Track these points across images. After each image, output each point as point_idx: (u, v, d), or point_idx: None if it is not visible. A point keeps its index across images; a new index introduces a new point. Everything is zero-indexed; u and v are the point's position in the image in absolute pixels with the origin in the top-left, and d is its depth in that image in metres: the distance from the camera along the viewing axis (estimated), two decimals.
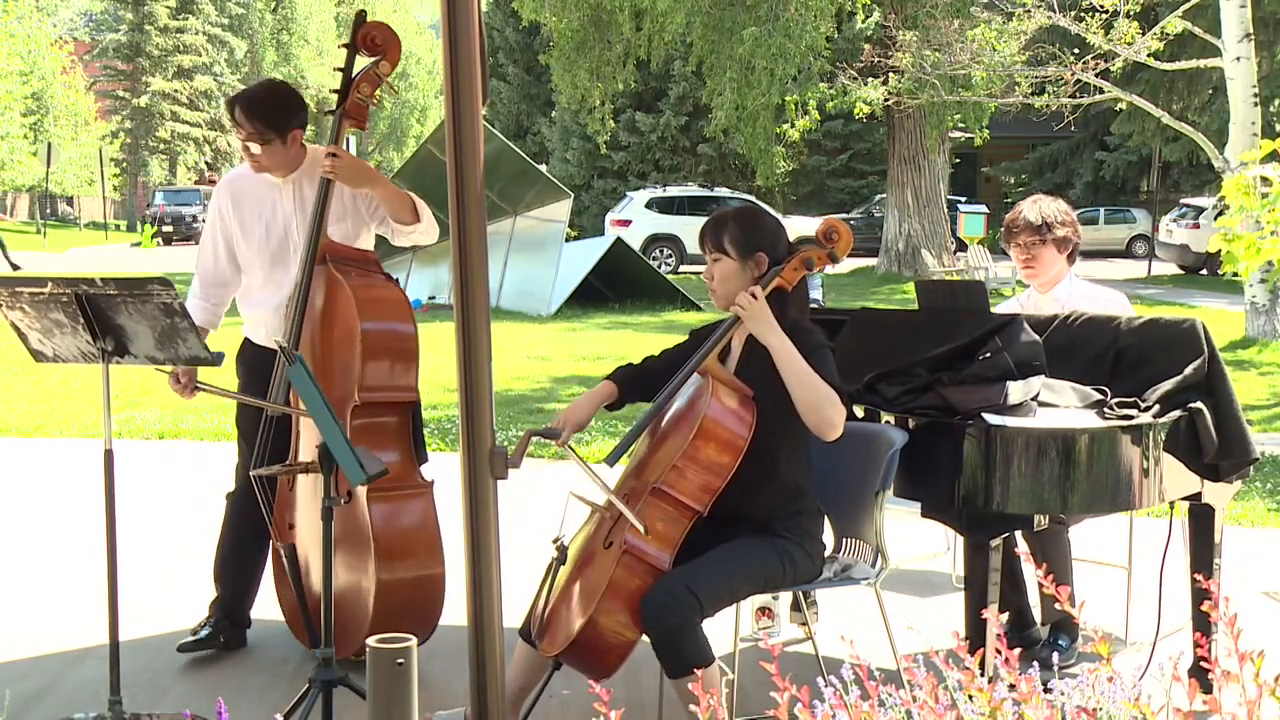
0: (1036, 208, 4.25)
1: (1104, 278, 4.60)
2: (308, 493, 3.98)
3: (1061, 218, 4.22)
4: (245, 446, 4.26)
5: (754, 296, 3.26)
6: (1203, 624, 3.46)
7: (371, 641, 2.42)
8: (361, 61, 4.15)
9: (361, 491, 3.86)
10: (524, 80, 37.88)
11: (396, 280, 4.20)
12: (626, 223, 26.65)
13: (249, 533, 4.20)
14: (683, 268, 26.00)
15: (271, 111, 4.04)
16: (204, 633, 4.23)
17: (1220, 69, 14.02)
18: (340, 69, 4.16)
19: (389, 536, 3.90)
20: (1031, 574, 3.51)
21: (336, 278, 3.98)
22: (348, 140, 4.26)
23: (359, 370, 3.89)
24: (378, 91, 4.20)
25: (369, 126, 4.58)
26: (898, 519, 4.13)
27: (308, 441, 3.97)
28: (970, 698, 2.11)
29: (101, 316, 3.37)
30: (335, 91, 4.16)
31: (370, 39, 4.12)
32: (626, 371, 3.57)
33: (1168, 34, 15.63)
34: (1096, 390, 3.53)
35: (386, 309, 3.99)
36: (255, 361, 4.21)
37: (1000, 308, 4.46)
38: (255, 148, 4.01)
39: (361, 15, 4.18)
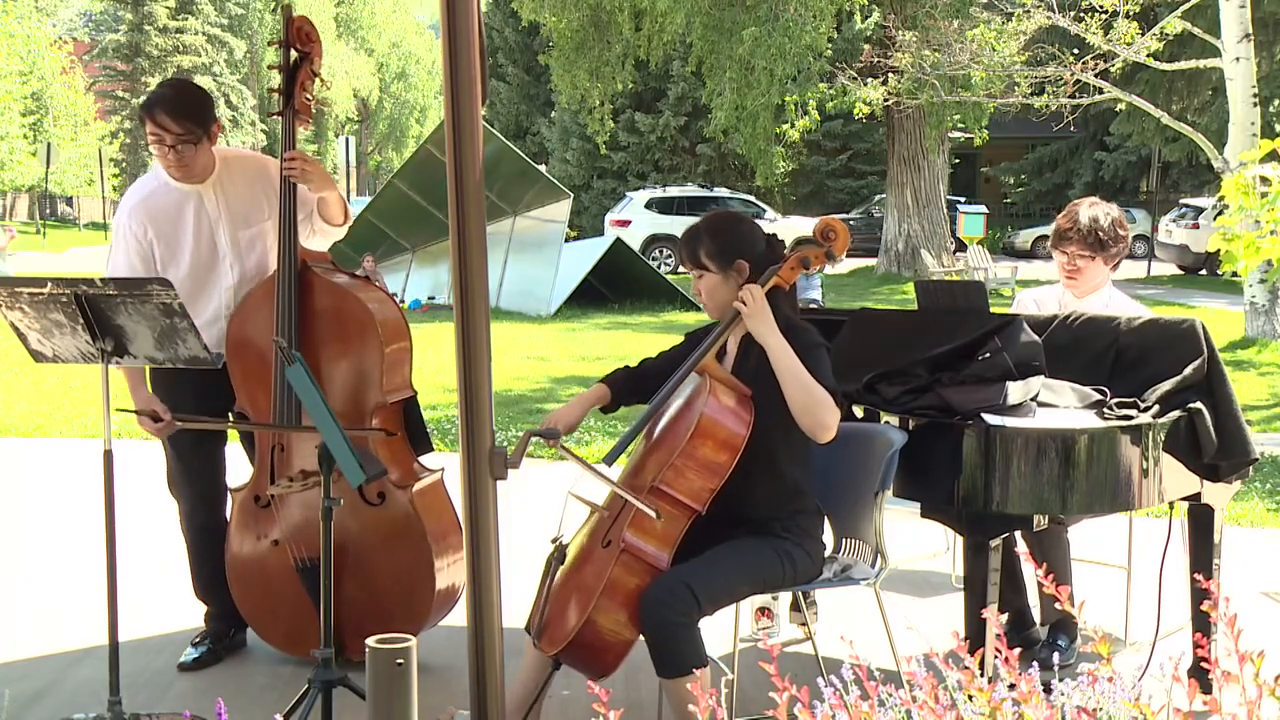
0: (1093, 220, 4.05)
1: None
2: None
3: (1117, 233, 4.07)
4: (181, 464, 4.20)
5: (754, 295, 3.26)
6: (1202, 624, 3.46)
7: (371, 642, 2.42)
8: (293, 58, 4.02)
9: (396, 486, 3.92)
10: (523, 80, 37.88)
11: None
12: (626, 223, 26.68)
13: (219, 547, 4.16)
14: (682, 268, 25.97)
15: (195, 109, 3.93)
16: (202, 649, 4.21)
17: (1220, 69, 14.01)
18: (276, 67, 4.04)
19: (436, 525, 3.99)
20: (1031, 574, 3.51)
21: (335, 284, 3.97)
22: (346, 141, 4.25)
23: (383, 372, 3.90)
24: (315, 87, 4.09)
25: (369, 127, 4.55)
26: (897, 519, 4.13)
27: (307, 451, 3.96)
28: (970, 698, 2.11)
29: (101, 317, 3.36)
30: (275, 91, 4.03)
31: (302, 33, 4.01)
32: (621, 374, 3.58)
33: (1167, 34, 15.63)
34: (1096, 390, 3.53)
35: (391, 309, 4.04)
36: (188, 377, 3.89)
37: (1023, 297, 4.39)
38: (184, 150, 3.90)
39: (289, 9, 4.08)
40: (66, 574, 5.25)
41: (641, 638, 3.16)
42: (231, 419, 4.09)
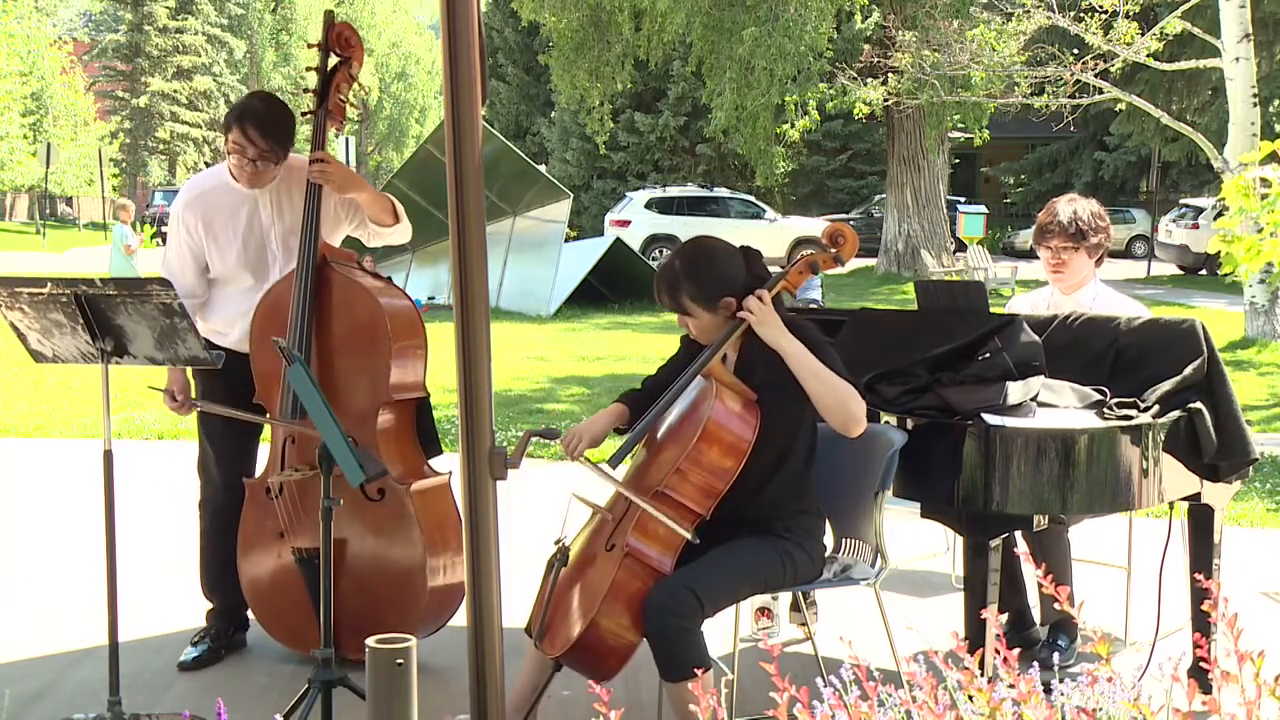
0: (1072, 212, 4.11)
1: (1104, 278, 4.60)
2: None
3: (1097, 224, 4.12)
4: (212, 450, 4.23)
5: (761, 302, 3.24)
6: (1202, 624, 3.46)
7: (371, 642, 2.42)
8: (333, 62, 4.09)
9: (397, 483, 3.92)
10: (523, 80, 37.89)
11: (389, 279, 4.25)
12: (626, 223, 26.66)
13: (233, 538, 4.18)
14: None
15: (284, 130, 4.01)
16: (202, 648, 4.22)
17: (1219, 69, 14.02)
18: (314, 69, 4.11)
19: (433, 526, 3.98)
20: (1031, 574, 3.52)
21: (351, 280, 3.99)
22: (346, 141, 4.28)
23: (390, 370, 3.91)
24: (351, 92, 4.14)
25: (369, 127, 4.57)
26: (897, 519, 4.13)
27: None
28: (970, 698, 2.11)
29: (101, 317, 3.36)
30: (310, 92, 4.10)
31: (342, 39, 4.07)
32: (633, 395, 3.56)
33: (1167, 34, 15.63)
34: (1096, 390, 3.53)
35: (404, 308, 4.05)
36: (229, 368, 3.99)
37: (1017, 302, 4.41)
38: (264, 166, 3.98)
39: (330, 15, 4.13)
40: (66, 574, 5.25)
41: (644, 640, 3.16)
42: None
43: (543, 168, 22.28)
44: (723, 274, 3.30)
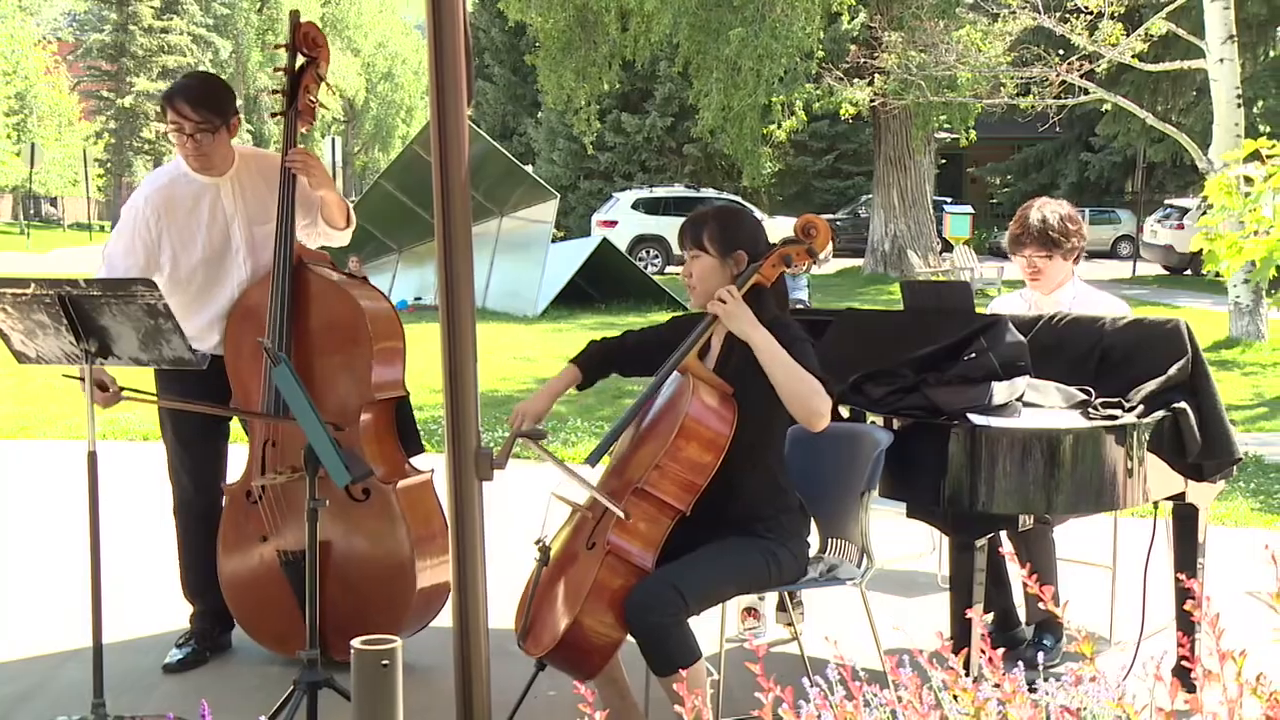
0: (1041, 219, 4.10)
1: (1089, 279, 4.63)
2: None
3: (1068, 228, 4.10)
4: (185, 454, 4.20)
5: (730, 294, 3.25)
6: (1186, 624, 3.46)
7: (356, 643, 2.41)
8: (300, 62, 4.10)
9: (381, 482, 3.92)
10: (510, 81, 37.85)
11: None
12: (613, 223, 26.67)
13: (213, 541, 4.16)
14: (669, 268, 26.01)
15: (214, 99, 4.00)
16: (187, 650, 4.21)
17: (1204, 70, 14.07)
18: (281, 69, 4.11)
19: (420, 524, 3.99)
20: (1016, 574, 3.53)
21: (328, 280, 3.99)
22: (332, 141, 4.28)
23: (372, 369, 3.91)
24: (320, 91, 4.14)
25: (355, 128, 4.57)
26: (883, 519, 4.13)
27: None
28: (955, 698, 2.11)
29: (85, 318, 3.35)
30: (278, 93, 4.09)
31: (309, 38, 4.08)
32: (592, 350, 3.61)
33: (1152, 35, 15.70)
34: (1081, 390, 3.54)
35: (383, 307, 4.06)
36: (201, 372, 3.96)
37: (999, 303, 4.43)
38: (203, 139, 3.95)
39: (296, 14, 4.13)
40: (51, 576, 5.22)
41: (631, 639, 3.16)
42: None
43: (529, 168, 22.26)
44: (747, 232, 3.43)
